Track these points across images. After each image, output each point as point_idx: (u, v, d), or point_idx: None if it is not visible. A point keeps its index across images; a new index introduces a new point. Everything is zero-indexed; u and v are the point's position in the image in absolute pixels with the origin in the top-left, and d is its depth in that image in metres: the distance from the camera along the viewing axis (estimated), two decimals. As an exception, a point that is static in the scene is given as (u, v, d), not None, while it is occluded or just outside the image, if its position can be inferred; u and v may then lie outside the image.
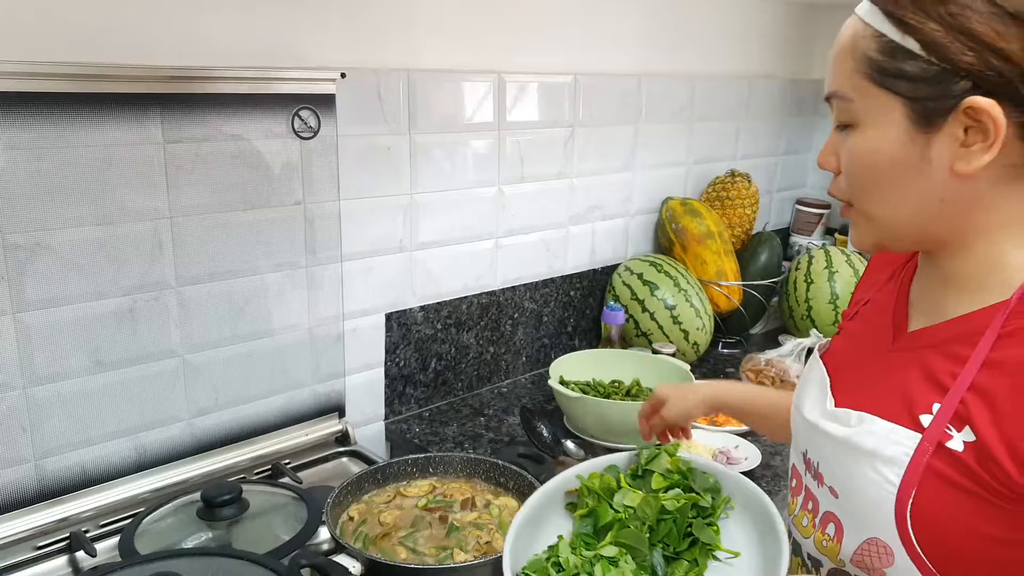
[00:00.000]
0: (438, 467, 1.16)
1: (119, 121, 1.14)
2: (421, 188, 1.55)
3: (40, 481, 1.17)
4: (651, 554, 0.81)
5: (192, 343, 1.29)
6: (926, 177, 0.67)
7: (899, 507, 0.69)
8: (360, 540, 1.00)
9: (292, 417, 1.44)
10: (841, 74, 0.71)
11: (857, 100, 0.69)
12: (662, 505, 0.83)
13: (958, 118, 0.64)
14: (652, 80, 1.95)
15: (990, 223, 0.69)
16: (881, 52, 0.67)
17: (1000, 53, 0.62)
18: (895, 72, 0.66)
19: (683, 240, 1.99)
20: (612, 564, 0.78)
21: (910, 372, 0.73)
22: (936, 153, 0.66)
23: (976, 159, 0.65)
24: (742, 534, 0.85)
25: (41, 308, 1.13)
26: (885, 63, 0.67)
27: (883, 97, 0.68)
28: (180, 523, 1.16)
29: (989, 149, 0.64)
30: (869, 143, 0.70)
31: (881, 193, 0.71)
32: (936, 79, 0.64)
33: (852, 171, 0.72)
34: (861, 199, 0.73)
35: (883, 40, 0.67)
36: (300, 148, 1.33)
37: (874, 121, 0.69)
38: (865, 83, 0.68)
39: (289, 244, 1.36)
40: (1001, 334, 0.66)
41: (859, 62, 0.69)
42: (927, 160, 0.67)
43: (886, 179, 0.70)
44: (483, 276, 1.72)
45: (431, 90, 1.51)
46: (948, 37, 0.63)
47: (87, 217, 1.14)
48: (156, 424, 1.28)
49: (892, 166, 0.69)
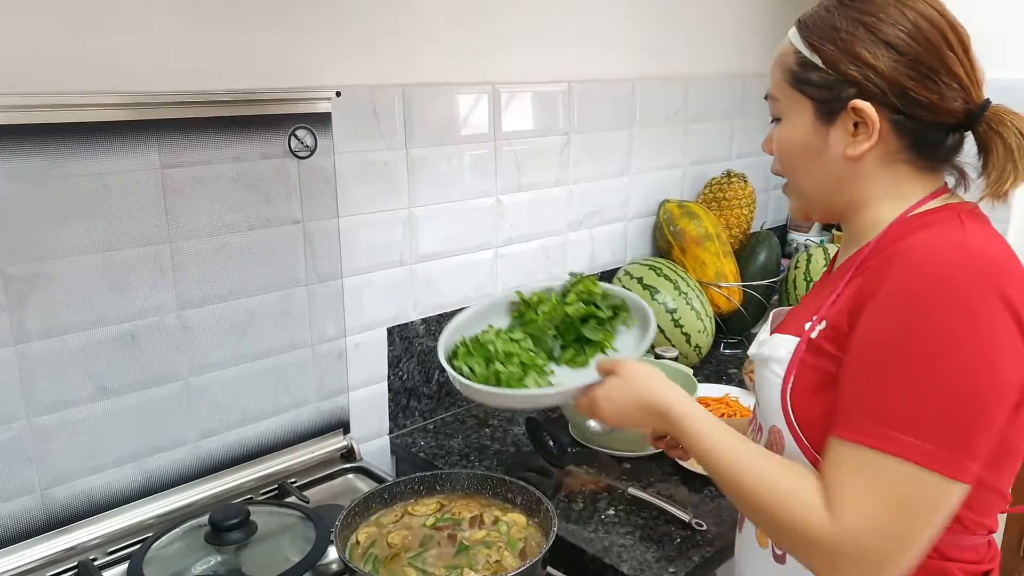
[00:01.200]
0: (445, 484, 1.16)
1: (116, 148, 1.14)
2: (419, 201, 1.55)
3: (47, 510, 1.17)
4: (551, 342, 1.17)
5: (195, 366, 1.29)
6: (827, 159, 0.89)
7: (782, 395, 0.88)
8: (370, 563, 1.00)
9: (297, 435, 1.44)
10: (774, 80, 0.93)
11: (782, 100, 0.92)
12: (565, 312, 1.18)
13: (848, 115, 0.86)
14: (646, 84, 1.95)
15: (872, 193, 0.89)
16: (797, 65, 0.89)
17: (874, 69, 0.83)
18: (805, 80, 0.88)
19: (681, 242, 1.99)
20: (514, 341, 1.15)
21: (810, 304, 0.93)
22: (833, 141, 0.88)
23: (860, 146, 0.86)
24: (633, 339, 1.19)
25: (43, 338, 1.13)
26: (799, 73, 0.89)
27: (798, 98, 0.90)
28: (188, 548, 1.16)
29: (869, 138, 0.85)
30: (789, 132, 0.92)
31: (799, 171, 0.93)
32: (832, 86, 0.86)
33: (779, 155, 0.95)
34: (789, 176, 0.96)
35: (799, 56, 0.89)
36: (297, 167, 1.33)
37: (792, 116, 0.91)
38: (787, 87, 0.91)
39: (289, 263, 1.36)
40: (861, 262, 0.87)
41: (784, 71, 0.91)
42: (828, 145, 0.89)
43: (800, 160, 0.92)
44: (484, 286, 1.72)
45: (426, 104, 1.51)
46: (840, 56, 0.85)
47: (87, 245, 1.14)
48: (162, 448, 1.28)
49: (803, 150, 0.91)
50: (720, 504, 1.31)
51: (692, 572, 1.16)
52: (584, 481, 1.39)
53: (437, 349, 1.14)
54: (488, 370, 1.08)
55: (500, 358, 1.09)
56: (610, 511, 1.30)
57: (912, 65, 0.82)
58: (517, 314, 1.22)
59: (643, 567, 1.15)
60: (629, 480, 1.38)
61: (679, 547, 1.20)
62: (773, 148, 0.96)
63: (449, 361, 1.12)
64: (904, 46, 0.83)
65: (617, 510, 1.30)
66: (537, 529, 1.07)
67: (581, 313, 1.17)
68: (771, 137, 0.96)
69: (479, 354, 1.10)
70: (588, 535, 1.23)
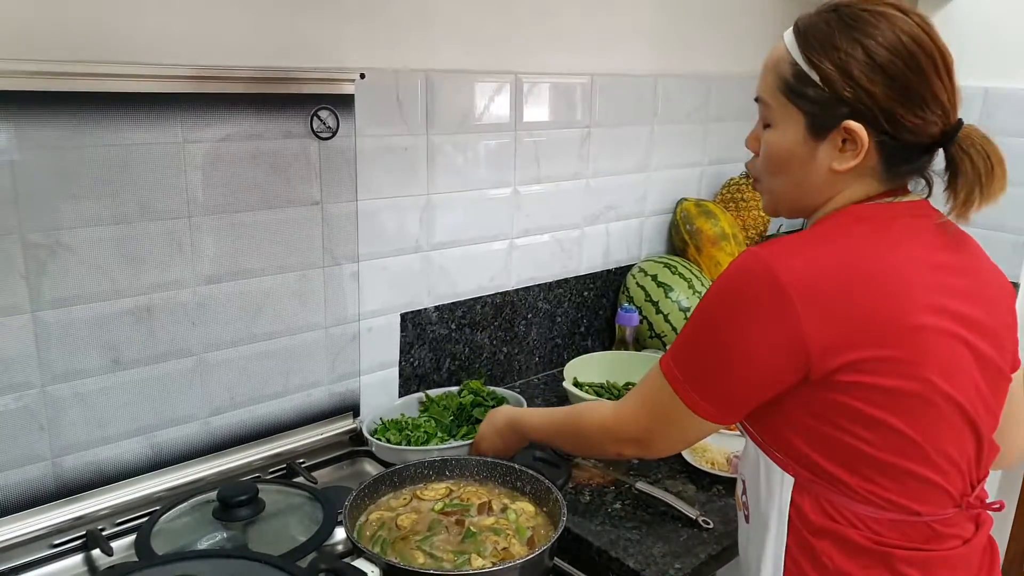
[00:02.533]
0: (455, 470, 1.16)
1: (139, 121, 1.14)
2: (437, 188, 1.55)
3: (57, 479, 1.18)
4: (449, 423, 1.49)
5: (209, 342, 1.29)
6: (812, 169, 0.93)
7: None
8: (378, 544, 1.00)
9: (307, 416, 1.44)
10: (766, 84, 0.95)
11: (773, 107, 0.94)
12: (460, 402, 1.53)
13: (839, 132, 0.90)
14: (668, 80, 1.94)
15: (837, 196, 0.95)
16: (794, 77, 0.91)
17: (869, 93, 0.87)
18: (801, 93, 0.90)
19: (697, 241, 1.98)
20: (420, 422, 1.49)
21: None
22: (821, 154, 0.92)
23: (847, 162, 0.90)
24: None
25: (60, 307, 1.13)
26: (795, 85, 0.91)
27: (791, 109, 0.92)
28: (196, 522, 1.16)
29: (856, 156, 0.90)
30: (778, 139, 0.95)
31: (780, 175, 0.97)
32: (826, 103, 0.89)
33: (765, 158, 0.98)
34: (767, 178, 0.99)
35: (797, 68, 0.90)
36: (319, 148, 1.33)
37: (783, 124, 0.94)
38: (780, 96, 0.93)
39: (306, 244, 1.36)
40: None
41: (778, 79, 0.93)
42: (814, 158, 0.93)
43: (785, 166, 0.95)
44: (497, 276, 1.71)
45: (448, 90, 1.51)
46: (838, 76, 0.87)
47: (106, 216, 1.14)
48: (172, 423, 1.28)
49: (790, 158, 0.94)
50: (728, 503, 1.31)
51: (697, 569, 1.15)
52: (592, 474, 1.38)
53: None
54: (400, 435, 1.42)
55: (410, 429, 1.44)
56: (617, 505, 1.30)
57: (903, 92, 0.86)
58: (423, 407, 1.55)
59: (649, 561, 1.15)
60: (637, 475, 1.38)
61: (685, 543, 1.20)
62: (759, 149, 0.99)
63: (372, 434, 1.42)
64: (897, 72, 0.86)
65: (624, 504, 1.30)
66: (546, 518, 1.07)
67: (472, 401, 1.52)
68: (757, 137, 0.99)
69: (394, 428, 1.45)
70: (595, 528, 1.23)
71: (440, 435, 1.45)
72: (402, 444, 1.39)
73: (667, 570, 1.13)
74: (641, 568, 1.14)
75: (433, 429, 1.45)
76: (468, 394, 1.54)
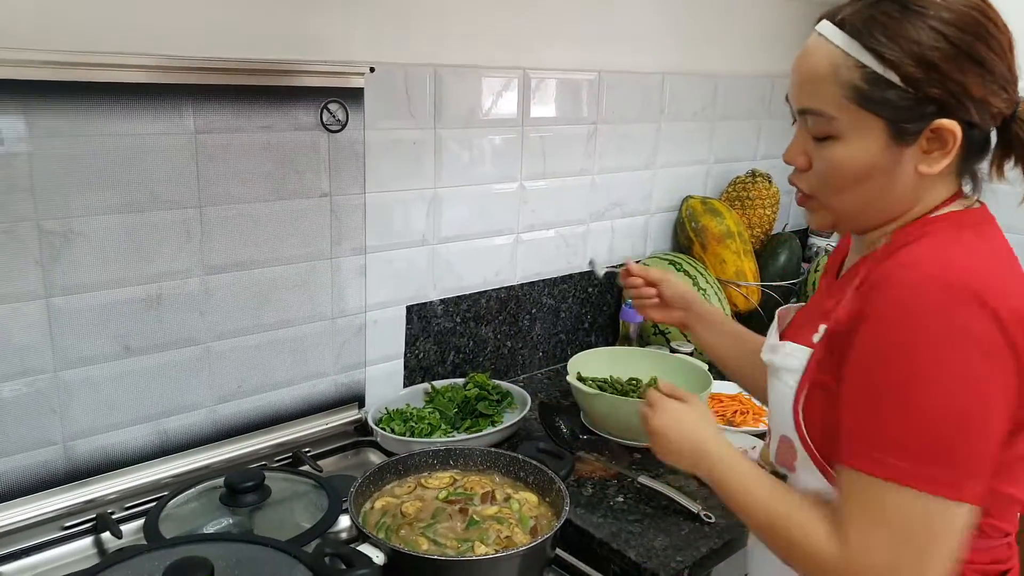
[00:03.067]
0: (459, 460, 1.17)
1: (151, 111, 1.15)
2: (444, 182, 1.56)
3: (68, 462, 1.19)
4: (453, 416, 1.49)
5: (217, 331, 1.31)
6: (894, 177, 0.82)
7: (795, 407, 0.87)
8: (383, 531, 1.02)
9: (313, 406, 1.46)
10: (823, 96, 0.82)
11: (842, 118, 0.81)
12: (465, 395, 1.53)
13: (926, 133, 0.79)
14: (675, 79, 1.95)
15: (915, 204, 0.84)
16: (866, 81, 0.79)
17: (960, 85, 0.77)
18: (879, 99, 0.79)
19: (703, 239, 1.99)
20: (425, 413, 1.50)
21: (819, 309, 0.90)
22: (906, 160, 0.81)
23: (936, 163, 0.80)
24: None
25: (72, 293, 1.15)
26: (870, 91, 0.79)
27: (867, 118, 0.80)
28: (203, 508, 1.18)
29: (947, 155, 0.80)
30: (851, 153, 0.82)
31: (851, 191, 0.84)
32: (912, 105, 0.78)
33: (829, 175, 0.85)
34: (828, 195, 0.87)
35: (866, 71, 0.79)
36: (328, 141, 1.34)
37: (857, 136, 0.81)
38: (851, 105, 0.80)
39: (315, 235, 1.37)
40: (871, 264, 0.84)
41: (844, 88, 0.80)
42: (898, 164, 0.81)
43: (860, 181, 0.83)
44: (503, 271, 1.73)
45: (457, 85, 1.52)
46: (921, 72, 0.77)
47: (118, 205, 1.16)
48: (179, 410, 1.30)
49: (869, 171, 0.82)
50: (729, 497, 1.31)
51: (699, 562, 1.16)
52: (594, 468, 1.40)
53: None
54: (405, 427, 1.44)
55: (414, 420, 1.45)
56: (619, 498, 1.31)
57: (990, 74, 0.77)
58: (428, 398, 1.56)
59: (650, 554, 1.16)
60: (639, 469, 1.39)
61: (687, 537, 1.21)
62: (810, 162, 0.87)
63: (376, 423, 1.44)
64: (979, 53, 0.77)
65: (626, 497, 1.31)
66: (548, 508, 1.08)
67: (476, 395, 1.53)
68: (801, 149, 0.87)
69: (399, 419, 1.46)
70: (597, 520, 1.24)
71: (444, 427, 1.46)
72: (406, 435, 1.41)
73: (668, 563, 1.14)
74: (643, 560, 1.15)
75: (437, 421, 1.47)
76: (473, 387, 1.56)
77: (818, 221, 0.91)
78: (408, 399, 1.55)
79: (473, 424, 1.47)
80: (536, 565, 0.99)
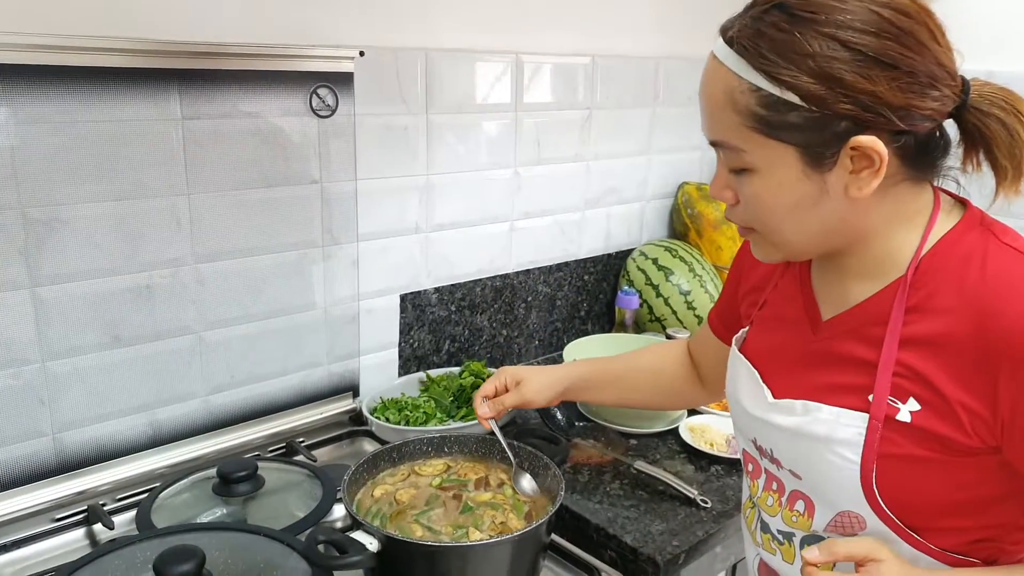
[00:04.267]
0: (453, 447, 1.16)
1: (138, 96, 1.14)
2: (437, 169, 1.55)
3: (59, 454, 1.18)
4: (448, 404, 1.48)
5: (208, 320, 1.29)
6: (824, 205, 0.74)
7: (865, 482, 0.76)
8: (378, 519, 1.01)
9: (307, 396, 1.45)
10: (723, 125, 0.74)
11: (749, 151, 0.73)
12: (460, 383, 1.51)
13: (846, 152, 0.71)
14: (669, 64, 1.93)
15: (879, 222, 0.76)
16: (764, 107, 0.71)
17: (872, 95, 0.68)
18: (782, 124, 0.71)
19: (698, 225, 1.98)
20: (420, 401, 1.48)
21: (836, 358, 0.81)
22: (831, 184, 0.73)
23: (866, 184, 0.72)
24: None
25: (59, 283, 1.13)
26: (770, 117, 0.71)
27: (775, 146, 0.72)
28: (196, 498, 1.17)
29: (876, 174, 0.71)
30: (769, 186, 0.75)
31: (783, 224, 0.77)
32: (820, 125, 0.70)
33: (756, 210, 0.77)
34: (764, 230, 0.79)
35: (762, 94, 0.70)
36: (318, 126, 1.33)
37: (769, 167, 0.73)
38: (754, 135, 0.72)
39: (306, 223, 1.36)
40: (908, 307, 0.76)
41: (743, 116, 0.72)
42: (824, 191, 0.73)
43: (788, 213, 0.75)
44: (497, 259, 1.71)
45: (448, 70, 1.50)
46: (823, 88, 0.68)
47: (105, 193, 1.14)
48: (172, 400, 1.28)
49: (794, 202, 0.74)
50: (726, 483, 1.31)
51: (695, 547, 1.16)
52: (590, 454, 1.39)
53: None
54: (400, 415, 1.43)
55: (409, 409, 1.44)
56: (615, 484, 1.30)
57: (910, 77, 0.68)
58: (424, 387, 1.55)
59: (647, 539, 1.15)
60: (635, 455, 1.38)
61: (683, 522, 1.20)
62: (736, 196, 0.79)
63: (371, 412, 1.43)
64: (895, 55, 0.68)
65: (622, 484, 1.30)
66: (544, 494, 1.07)
67: (472, 384, 1.50)
68: (725, 184, 0.79)
69: (393, 408, 1.45)
70: (593, 506, 1.23)
71: (439, 416, 1.45)
72: (401, 424, 1.40)
73: (665, 547, 1.14)
74: (639, 545, 1.14)
75: (432, 410, 1.46)
76: (469, 376, 1.54)
77: (764, 254, 0.83)
78: (403, 388, 1.54)
79: (469, 413, 1.46)
80: (531, 551, 0.98)
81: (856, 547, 0.73)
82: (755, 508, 0.93)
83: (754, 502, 0.94)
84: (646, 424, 1.47)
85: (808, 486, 0.83)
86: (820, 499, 0.82)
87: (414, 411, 1.44)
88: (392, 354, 1.58)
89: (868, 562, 0.72)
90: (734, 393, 0.93)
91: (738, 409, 0.92)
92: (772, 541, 0.90)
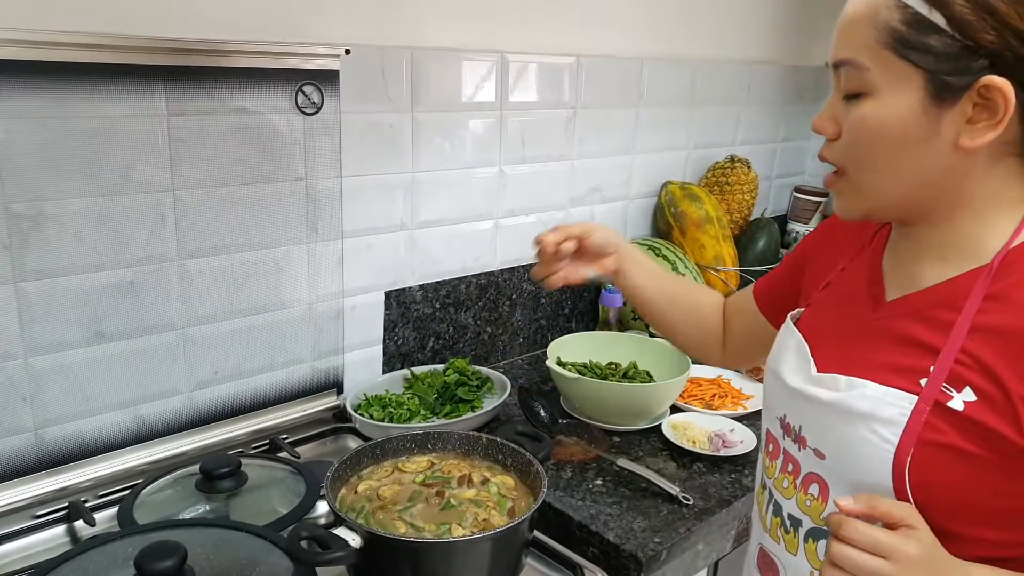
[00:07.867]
0: (436, 443, 1.16)
1: (123, 92, 1.13)
2: (422, 167, 1.55)
3: (40, 450, 1.18)
4: (432, 401, 1.49)
5: (192, 316, 1.29)
6: (930, 149, 0.70)
7: (897, 465, 0.72)
8: (361, 515, 1.01)
9: (291, 392, 1.45)
10: (857, 42, 0.71)
11: (875, 69, 0.70)
12: (444, 380, 1.52)
13: (971, 95, 0.67)
14: (654, 64, 1.95)
15: (977, 195, 0.72)
16: (906, 24, 0.68)
17: (1020, 34, 0.64)
18: (919, 45, 0.67)
19: (682, 224, 1.99)
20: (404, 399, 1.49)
21: (894, 338, 0.77)
22: (945, 127, 0.69)
23: (981, 136, 0.68)
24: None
25: (43, 278, 1.13)
26: (909, 35, 0.68)
27: (903, 68, 0.69)
28: (178, 495, 1.16)
29: (995, 127, 0.67)
30: (883, 112, 0.71)
31: (882, 162, 0.73)
32: (957, 55, 0.66)
33: (858, 139, 0.74)
34: (859, 167, 0.75)
35: (909, 12, 0.68)
36: (303, 124, 1.33)
37: (891, 91, 0.70)
38: (886, 53, 0.69)
39: (291, 220, 1.36)
40: (987, 295, 0.71)
41: (881, 32, 0.69)
42: (936, 133, 0.69)
43: (891, 148, 0.72)
44: (482, 256, 1.72)
45: (434, 68, 1.51)
46: (974, 15, 0.65)
47: (90, 188, 1.14)
48: (155, 396, 1.28)
49: (901, 136, 0.71)
50: (708, 480, 1.32)
51: (677, 543, 1.17)
52: (573, 451, 1.40)
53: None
54: (384, 412, 1.43)
55: (393, 406, 1.44)
56: (598, 481, 1.31)
57: None
58: (408, 384, 1.55)
59: (629, 536, 1.16)
60: (618, 452, 1.39)
61: (665, 518, 1.21)
62: (840, 130, 0.75)
63: (355, 409, 1.44)
64: None
65: (605, 481, 1.31)
66: (527, 491, 1.08)
67: (456, 381, 1.52)
68: (831, 115, 0.76)
69: (377, 405, 1.45)
70: (576, 503, 1.24)
71: (423, 413, 1.45)
72: (385, 421, 1.40)
73: (647, 544, 1.15)
74: (621, 542, 1.15)
75: (416, 407, 1.46)
76: (453, 373, 1.55)
77: (843, 206, 0.79)
78: (387, 385, 1.54)
79: (453, 410, 1.47)
80: (513, 547, 0.99)
81: (897, 508, 0.69)
82: (767, 491, 0.91)
83: (768, 485, 0.91)
84: (629, 421, 1.48)
85: (829, 467, 0.79)
86: (838, 480, 0.78)
87: (398, 408, 1.44)
88: (376, 351, 1.58)
89: (902, 527, 0.68)
90: (775, 365, 0.89)
91: (775, 383, 0.89)
92: (780, 527, 0.87)
